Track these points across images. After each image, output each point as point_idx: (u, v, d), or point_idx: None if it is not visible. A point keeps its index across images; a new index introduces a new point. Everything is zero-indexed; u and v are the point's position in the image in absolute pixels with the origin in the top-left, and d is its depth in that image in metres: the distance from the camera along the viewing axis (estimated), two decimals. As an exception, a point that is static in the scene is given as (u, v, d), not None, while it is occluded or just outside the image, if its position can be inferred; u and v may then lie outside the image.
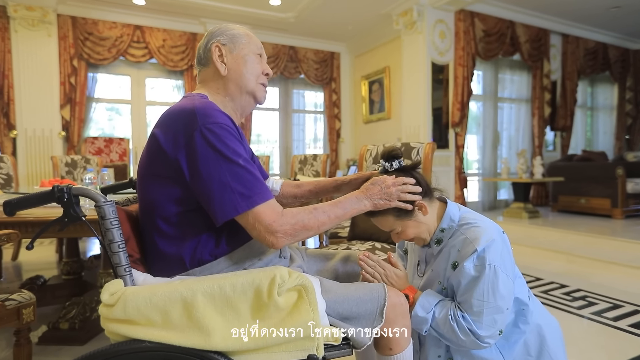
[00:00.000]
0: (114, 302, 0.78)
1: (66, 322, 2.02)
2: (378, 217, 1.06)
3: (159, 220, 0.90)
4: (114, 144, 5.13)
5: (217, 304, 0.78)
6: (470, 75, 5.29)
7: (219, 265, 0.90)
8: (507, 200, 6.17)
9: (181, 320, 0.77)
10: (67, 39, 4.96)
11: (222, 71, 1.04)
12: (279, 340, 0.78)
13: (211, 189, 0.83)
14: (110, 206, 0.81)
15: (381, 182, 1.00)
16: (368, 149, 2.28)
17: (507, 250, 1.03)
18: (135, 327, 0.77)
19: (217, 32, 1.07)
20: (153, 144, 0.90)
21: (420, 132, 5.24)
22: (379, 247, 1.82)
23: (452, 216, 1.08)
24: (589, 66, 6.70)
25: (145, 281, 0.86)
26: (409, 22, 5.20)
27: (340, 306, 0.89)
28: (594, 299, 2.49)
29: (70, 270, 2.70)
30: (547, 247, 3.73)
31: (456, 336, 0.98)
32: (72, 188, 0.79)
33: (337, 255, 1.24)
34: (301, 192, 1.26)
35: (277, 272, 0.80)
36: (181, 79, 5.73)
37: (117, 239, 0.81)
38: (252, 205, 0.84)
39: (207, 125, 0.85)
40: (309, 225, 0.88)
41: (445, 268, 1.06)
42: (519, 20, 5.70)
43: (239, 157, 0.86)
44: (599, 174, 5.10)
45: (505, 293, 0.98)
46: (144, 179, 0.93)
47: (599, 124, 7.52)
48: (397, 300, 0.94)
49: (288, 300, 0.81)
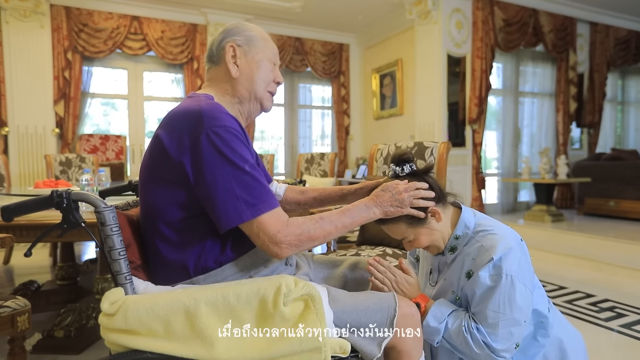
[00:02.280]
0: (115, 311, 0.80)
1: (61, 330, 2.07)
2: (389, 224, 1.08)
3: (161, 226, 0.92)
4: (110, 142, 5.21)
5: (221, 314, 0.81)
6: (489, 68, 5.27)
7: (223, 273, 0.93)
8: (528, 202, 6.14)
9: (184, 331, 0.80)
10: (60, 31, 5.04)
11: (234, 73, 1.06)
12: (284, 351, 0.80)
13: (216, 195, 0.86)
14: (110, 212, 0.84)
15: (392, 188, 1.02)
16: (379, 148, 2.29)
17: (525, 259, 1.04)
18: (136, 338, 0.80)
19: (234, 31, 1.08)
20: (156, 145, 0.93)
21: (435, 129, 5.24)
22: (390, 253, 1.84)
23: (467, 222, 1.09)
24: (620, 57, 6.63)
25: (146, 289, 0.89)
26: (423, 12, 5.20)
27: (349, 316, 0.91)
28: (623, 310, 2.48)
29: (65, 275, 2.76)
30: (572, 253, 3.71)
31: (470, 349, 1.00)
32: (72, 193, 0.82)
33: (345, 262, 1.26)
34: (305, 199, 1.28)
35: (282, 281, 0.82)
36: (181, 72, 5.79)
37: (118, 245, 0.84)
38: (257, 214, 0.86)
39: (213, 129, 0.87)
40: (315, 236, 0.91)
41: (459, 277, 1.08)
42: (542, 8, 5.67)
43: (246, 163, 0.88)
44: (630, 174, 5.05)
45: (522, 304, 0.99)
46: (146, 182, 0.96)
47: (630, 120, 7.44)
48: (408, 311, 0.96)
49: (294, 310, 0.83)
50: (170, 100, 5.87)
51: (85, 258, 3.87)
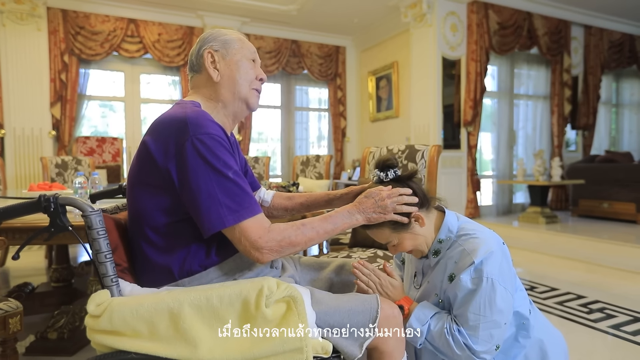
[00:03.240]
0: (100, 312, 0.82)
1: (55, 331, 2.08)
2: (374, 229, 1.10)
3: (147, 230, 0.94)
4: (106, 144, 5.22)
5: (204, 315, 0.83)
6: (483, 71, 5.31)
7: (208, 276, 0.95)
8: (523, 204, 6.17)
9: (167, 332, 0.82)
10: (57, 34, 5.06)
11: (215, 77, 1.08)
12: (266, 352, 0.82)
13: (199, 201, 0.88)
14: (97, 216, 0.86)
15: (375, 194, 1.04)
16: (371, 151, 2.31)
17: (506, 263, 1.06)
18: (121, 339, 0.82)
19: (209, 38, 1.12)
20: (143, 151, 0.95)
21: (430, 131, 5.26)
22: (381, 255, 1.86)
23: (450, 226, 1.11)
24: (614, 60, 6.67)
25: (132, 292, 0.91)
26: (418, 15, 5.23)
27: (331, 318, 0.93)
28: (613, 312, 2.50)
29: (59, 278, 2.77)
30: (565, 254, 3.73)
31: (451, 350, 1.02)
32: (59, 198, 0.84)
33: (331, 265, 1.28)
34: (292, 204, 1.30)
35: (264, 283, 0.84)
36: (177, 75, 5.81)
37: (104, 249, 0.86)
38: (239, 220, 0.88)
39: (198, 136, 0.89)
40: (296, 242, 0.93)
41: (442, 280, 1.10)
42: (537, 12, 5.70)
43: (229, 170, 0.90)
44: (624, 176, 5.08)
45: (503, 307, 1.01)
46: (133, 187, 0.98)
47: (624, 122, 7.48)
48: (390, 312, 0.98)
49: (276, 311, 0.85)
50: (168, 102, 5.89)
51: (80, 260, 3.87)
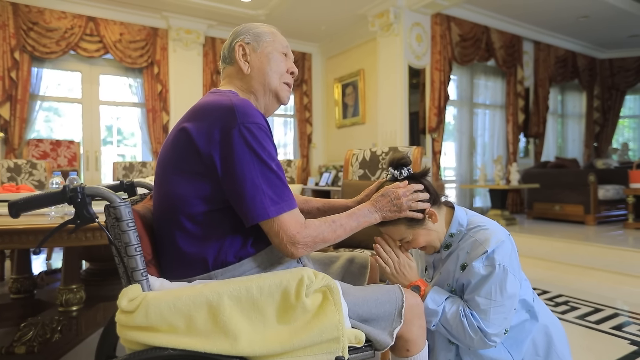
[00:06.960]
0: (134, 308, 0.78)
1: (22, 345, 1.93)
2: (389, 226, 1.13)
3: (183, 218, 0.92)
4: (62, 147, 4.92)
5: (244, 306, 0.81)
6: (447, 80, 5.56)
7: (241, 268, 0.93)
8: (482, 208, 6.48)
9: (206, 325, 0.79)
10: (7, 28, 4.73)
11: (245, 70, 1.08)
12: (305, 342, 0.82)
13: (244, 190, 0.87)
14: (126, 207, 0.82)
15: (391, 193, 1.08)
16: (354, 153, 2.36)
17: (514, 253, 1.13)
18: (156, 334, 0.79)
19: (242, 31, 1.12)
20: (182, 137, 0.93)
21: (397, 138, 5.42)
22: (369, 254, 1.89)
23: (461, 220, 1.17)
24: (560, 74, 7.23)
25: (162, 286, 0.87)
26: (385, 24, 5.40)
27: (360, 308, 0.94)
28: (576, 304, 2.69)
29: (20, 288, 2.56)
30: (526, 254, 3.97)
31: (465, 333, 1.06)
32: (86, 188, 0.80)
33: (341, 258, 1.30)
34: (308, 207, 1.31)
35: (304, 273, 0.84)
36: (140, 77, 5.59)
37: (134, 241, 0.82)
38: (279, 212, 0.89)
39: (246, 124, 0.89)
40: (328, 238, 0.95)
41: (454, 270, 1.15)
42: (493, 26, 6.08)
43: (273, 161, 0.91)
44: (572, 180, 5.50)
45: (512, 293, 1.07)
46: (167, 174, 0.95)
47: (568, 132, 8.10)
48: (413, 301, 1.01)
49: (314, 301, 0.85)
50: (129, 105, 5.64)
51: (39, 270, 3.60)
